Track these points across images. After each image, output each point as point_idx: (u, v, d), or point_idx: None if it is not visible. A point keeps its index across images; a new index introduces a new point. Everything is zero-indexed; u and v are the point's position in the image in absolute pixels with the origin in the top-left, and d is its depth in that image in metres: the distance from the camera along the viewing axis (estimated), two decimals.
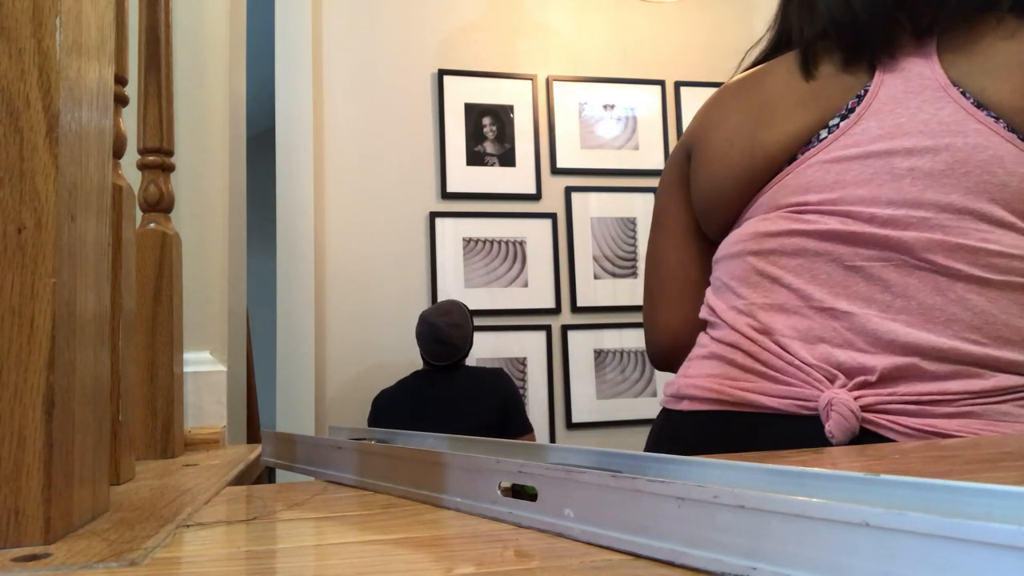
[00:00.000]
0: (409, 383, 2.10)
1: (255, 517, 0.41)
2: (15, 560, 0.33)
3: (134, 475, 0.64)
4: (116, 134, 0.69)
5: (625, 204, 2.60)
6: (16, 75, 0.38)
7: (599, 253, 2.56)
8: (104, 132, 0.47)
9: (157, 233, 0.89)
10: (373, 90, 2.48)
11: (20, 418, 0.36)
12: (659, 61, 2.71)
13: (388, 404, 2.07)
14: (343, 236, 2.40)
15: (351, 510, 0.41)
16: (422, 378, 2.10)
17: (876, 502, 0.25)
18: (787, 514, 0.24)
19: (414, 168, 2.47)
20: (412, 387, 2.08)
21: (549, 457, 0.41)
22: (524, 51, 2.61)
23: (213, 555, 0.34)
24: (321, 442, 0.55)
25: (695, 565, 0.27)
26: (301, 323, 2.31)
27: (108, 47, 0.48)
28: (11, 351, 0.37)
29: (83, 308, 0.41)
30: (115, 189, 0.64)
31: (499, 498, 0.37)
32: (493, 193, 2.50)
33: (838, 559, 0.23)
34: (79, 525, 0.40)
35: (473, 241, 2.46)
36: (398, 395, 2.07)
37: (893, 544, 0.21)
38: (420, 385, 2.08)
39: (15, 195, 0.38)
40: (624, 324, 2.53)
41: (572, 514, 0.32)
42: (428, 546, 0.32)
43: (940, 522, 0.20)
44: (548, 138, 2.57)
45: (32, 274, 0.37)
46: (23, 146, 0.38)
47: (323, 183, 2.41)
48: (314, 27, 2.46)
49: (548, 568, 0.28)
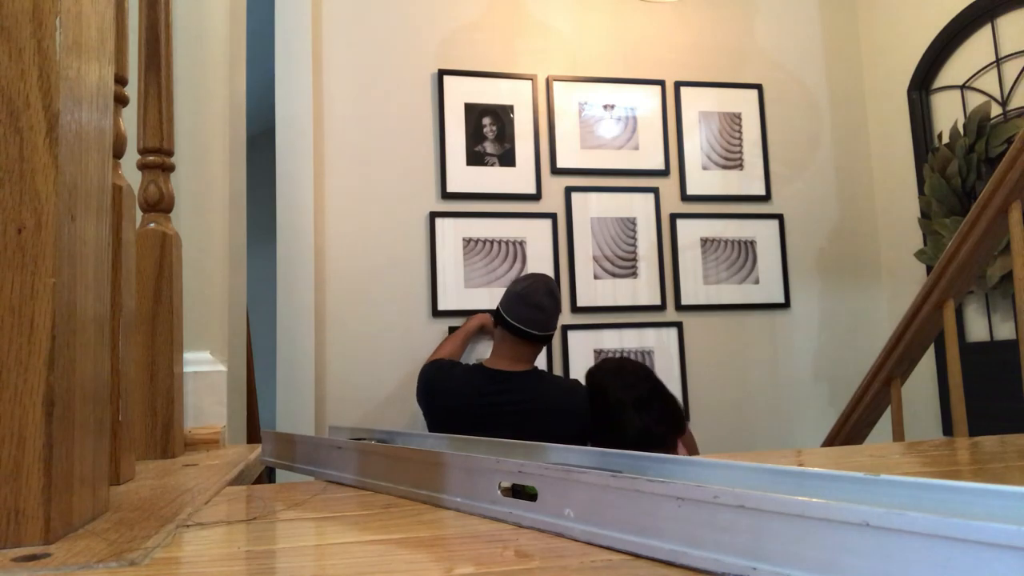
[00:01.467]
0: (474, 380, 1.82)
1: (255, 517, 0.41)
2: (15, 560, 0.33)
3: (134, 475, 0.64)
4: (116, 134, 0.69)
5: (625, 204, 2.60)
6: (16, 75, 0.38)
7: (599, 253, 2.56)
8: (104, 132, 0.46)
9: (157, 233, 0.89)
10: (373, 90, 2.48)
11: (20, 418, 0.36)
12: (659, 61, 2.71)
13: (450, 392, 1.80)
14: (343, 236, 2.40)
15: (351, 510, 0.41)
16: (491, 379, 1.81)
17: (876, 502, 0.25)
18: (787, 514, 0.24)
19: (414, 168, 2.47)
20: (478, 386, 1.80)
21: (549, 457, 0.41)
22: (524, 51, 2.61)
23: (213, 555, 0.34)
24: (321, 442, 0.55)
25: (695, 565, 0.27)
26: (301, 323, 2.31)
27: (108, 47, 0.48)
28: (11, 351, 0.37)
29: (83, 308, 0.41)
30: (115, 189, 0.64)
31: (499, 498, 0.37)
32: (493, 193, 2.50)
33: (838, 559, 0.23)
34: (79, 525, 0.40)
35: (473, 241, 2.46)
36: (464, 387, 1.81)
37: (893, 544, 0.21)
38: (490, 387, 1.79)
39: (15, 195, 0.38)
40: (624, 324, 2.54)
41: (572, 514, 0.32)
42: (428, 546, 0.32)
43: (940, 522, 0.20)
44: (548, 138, 2.57)
45: (32, 274, 0.37)
46: (23, 146, 0.38)
47: (323, 183, 2.41)
48: (314, 27, 2.46)
49: (548, 568, 0.28)
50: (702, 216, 2.64)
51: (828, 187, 2.79)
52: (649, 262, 2.59)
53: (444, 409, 1.83)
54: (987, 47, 2.38)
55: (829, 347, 2.71)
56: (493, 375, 1.84)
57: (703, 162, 2.68)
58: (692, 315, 2.60)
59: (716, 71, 2.75)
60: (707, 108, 2.71)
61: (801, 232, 2.73)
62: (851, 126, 2.85)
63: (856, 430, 1.96)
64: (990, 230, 1.56)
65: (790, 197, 2.74)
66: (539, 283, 1.91)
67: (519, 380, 1.82)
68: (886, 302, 2.77)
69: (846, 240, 2.78)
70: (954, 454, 0.48)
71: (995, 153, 2.26)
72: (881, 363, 1.84)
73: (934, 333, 1.76)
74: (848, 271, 2.77)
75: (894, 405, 1.83)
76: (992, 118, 2.32)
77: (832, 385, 2.70)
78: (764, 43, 2.80)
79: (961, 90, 2.47)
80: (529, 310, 1.84)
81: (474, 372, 1.87)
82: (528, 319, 1.84)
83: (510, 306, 1.88)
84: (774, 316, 2.67)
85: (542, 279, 1.93)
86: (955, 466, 0.44)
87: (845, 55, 2.88)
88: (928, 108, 2.60)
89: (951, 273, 1.64)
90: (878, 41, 2.82)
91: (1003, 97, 2.32)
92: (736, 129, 2.72)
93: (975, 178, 2.33)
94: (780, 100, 2.78)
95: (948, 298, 1.68)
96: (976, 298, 2.37)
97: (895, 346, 1.80)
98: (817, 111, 2.82)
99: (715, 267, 2.63)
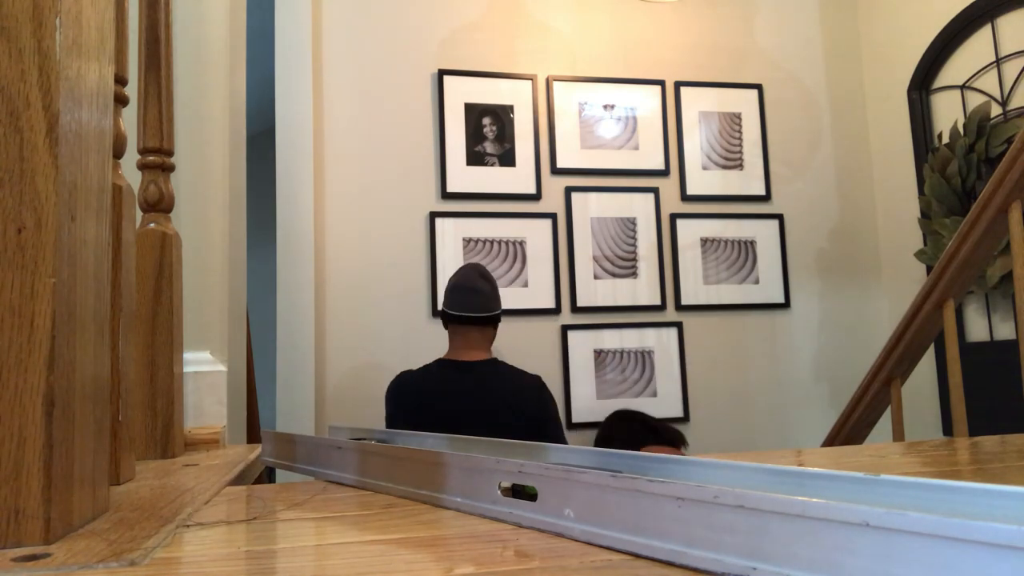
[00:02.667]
0: (432, 371, 1.85)
1: (255, 517, 0.41)
2: (15, 560, 0.33)
3: (134, 475, 0.64)
4: (116, 134, 0.69)
5: (625, 204, 2.60)
6: (16, 75, 0.38)
7: (599, 253, 2.56)
8: (104, 132, 0.47)
9: (157, 233, 0.89)
10: (373, 90, 2.48)
11: (20, 418, 0.36)
12: (659, 61, 2.71)
13: (410, 390, 1.83)
14: (343, 236, 2.40)
15: (351, 510, 0.41)
16: (449, 368, 1.84)
17: (876, 502, 0.25)
18: (787, 514, 0.24)
19: (414, 168, 2.47)
20: (436, 376, 1.83)
21: (549, 457, 0.41)
22: (524, 51, 2.61)
23: (213, 555, 0.34)
24: (321, 442, 0.55)
25: (695, 565, 0.27)
26: (301, 323, 2.31)
27: (108, 47, 0.48)
28: (11, 351, 0.37)
29: (83, 308, 0.41)
30: (115, 189, 0.64)
31: (499, 498, 0.37)
32: (493, 193, 2.50)
33: (838, 559, 0.23)
34: (79, 525, 0.40)
35: (473, 241, 2.46)
36: (424, 382, 1.83)
37: (893, 544, 0.21)
38: (448, 375, 1.82)
39: (15, 195, 0.38)
40: (624, 324, 2.54)
41: (572, 514, 0.32)
42: (428, 546, 0.32)
43: (940, 522, 0.20)
44: (548, 138, 2.57)
45: (32, 274, 0.37)
46: (23, 146, 0.38)
47: (323, 183, 2.41)
48: (314, 27, 2.46)
49: (548, 568, 0.28)
50: (702, 216, 2.64)
51: (828, 187, 2.79)
52: (649, 262, 2.59)
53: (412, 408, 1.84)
54: (987, 47, 2.38)
55: (829, 347, 2.71)
56: (451, 365, 1.86)
57: (703, 162, 2.68)
58: (692, 315, 2.60)
59: (716, 71, 2.75)
60: (707, 108, 2.71)
61: (801, 232, 2.73)
62: (851, 126, 2.85)
63: (856, 430, 1.96)
64: (990, 230, 1.56)
65: (790, 197, 2.74)
66: (470, 270, 1.96)
67: (479, 369, 1.85)
68: (886, 302, 2.77)
69: (846, 240, 2.78)
70: (954, 454, 0.48)
71: (995, 153, 2.26)
72: (881, 363, 1.84)
73: (934, 333, 1.76)
74: (848, 271, 2.77)
75: (894, 405, 1.83)
76: (992, 118, 2.32)
77: (832, 385, 2.70)
78: (764, 43, 2.80)
79: (961, 90, 2.47)
80: (465, 295, 1.89)
81: (432, 367, 1.89)
82: (467, 303, 1.88)
83: (448, 298, 1.92)
84: (774, 316, 2.67)
85: (473, 266, 1.98)
86: (955, 466, 0.44)
87: (845, 55, 2.88)
88: (928, 108, 2.60)
89: (951, 273, 1.64)
90: (878, 41, 2.82)
91: (1003, 97, 2.32)
92: (736, 129, 2.72)
93: (975, 178, 2.33)
94: (780, 100, 2.78)
95: (948, 298, 1.68)
96: (976, 298, 2.37)
97: (895, 346, 1.80)
98: (817, 111, 2.82)
99: (715, 267, 2.63)
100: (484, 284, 1.92)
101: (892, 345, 1.80)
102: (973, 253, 1.60)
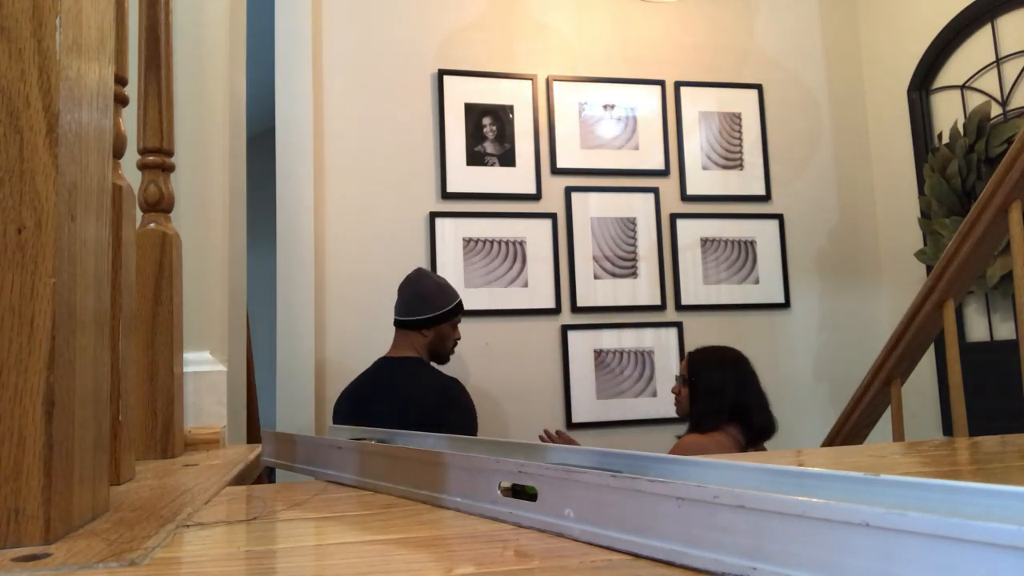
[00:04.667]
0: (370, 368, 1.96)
1: (255, 517, 0.41)
2: (15, 560, 0.33)
3: (134, 475, 0.64)
4: (116, 134, 0.69)
5: (625, 204, 2.60)
6: (16, 75, 0.38)
7: (599, 253, 2.56)
8: (104, 132, 0.47)
9: (157, 233, 0.89)
10: (373, 90, 2.48)
11: (20, 418, 0.36)
12: (659, 61, 2.71)
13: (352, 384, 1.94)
14: (343, 236, 2.40)
15: (351, 510, 0.41)
16: (379, 363, 1.95)
17: (876, 502, 0.25)
18: (787, 514, 0.24)
19: (414, 168, 2.47)
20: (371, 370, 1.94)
21: (549, 457, 0.41)
22: (524, 51, 2.61)
23: (213, 555, 0.34)
24: (321, 442, 0.55)
25: (695, 565, 0.27)
26: (301, 323, 2.31)
27: (108, 47, 0.48)
28: (11, 351, 0.37)
29: (83, 308, 0.41)
30: (115, 189, 0.64)
31: (499, 498, 0.37)
32: (493, 193, 2.50)
33: (838, 559, 0.23)
34: (79, 525, 0.40)
35: (473, 241, 2.46)
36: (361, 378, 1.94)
37: (893, 544, 0.21)
38: (376, 369, 1.93)
39: (15, 195, 0.38)
40: (624, 324, 2.54)
41: (572, 514, 0.32)
42: (428, 546, 0.32)
43: (940, 522, 0.20)
44: (548, 138, 2.57)
45: (32, 274, 0.37)
46: (23, 146, 0.38)
47: (323, 183, 2.41)
48: (314, 27, 2.46)
49: (548, 568, 0.28)
50: (702, 216, 2.64)
51: (828, 187, 2.79)
52: (649, 262, 2.59)
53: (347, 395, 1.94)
54: (987, 47, 2.38)
55: (829, 347, 2.71)
56: (381, 361, 1.96)
57: (703, 162, 2.68)
58: (692, 315, 2.60)
59: (716, 71, 2.75)
60: (707, 108, 2.71)
61: (801, 232, 2.73)
62: (851, 126, 2.85)
63: (856, 430, 1.96)
64: (990, 230, 1.56)
65: (790, 197, 2.74)
66: (410, 275, 2.03)
67: (397, 363, 1.93)
68: (886, 302, 2.77)
69: (846, 240, 2.78)
70: (954, 454, 0.48)
71: (995, 153, 2.26)
72: (881, 363, 1.84)
73: (934, 333, 1.76)
74: (848, 271, 2.77)
75: (894, 405, 1.83)
76: (992, 118, 2.32)
77: (832, 385, 2.69)
78: (764, 43, 2.80)
79: (961, 90, 2.47)
80: (397, 298, 2.00)
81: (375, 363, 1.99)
82: (395, 306, 2.00)
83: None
84: (774, 316, 2.67)
85: (415, 271, 2.04)
86: (955, 466, 0.44)
87: (845, 55, 2.88)
88: (928, 108, 2.60)
89: (951, 273, 1.64)
90: (878, 41, 2.82)
91: (1003, 97, 2.32)
92: (736, 129, 2.72)
93: (975, 178, 2.33)
94: (780, 100, 2.78)
95: (948, 298, 1.67)
96: (976, 298, 2.37)
97: (895, 346, 1.80)
98: (817, 111, 2.82)
99: (715, 267, 2.63)
100: (408, 290, 1.99)
101: (892, 345, 1.80)
102: (973, 253, 1.60)
